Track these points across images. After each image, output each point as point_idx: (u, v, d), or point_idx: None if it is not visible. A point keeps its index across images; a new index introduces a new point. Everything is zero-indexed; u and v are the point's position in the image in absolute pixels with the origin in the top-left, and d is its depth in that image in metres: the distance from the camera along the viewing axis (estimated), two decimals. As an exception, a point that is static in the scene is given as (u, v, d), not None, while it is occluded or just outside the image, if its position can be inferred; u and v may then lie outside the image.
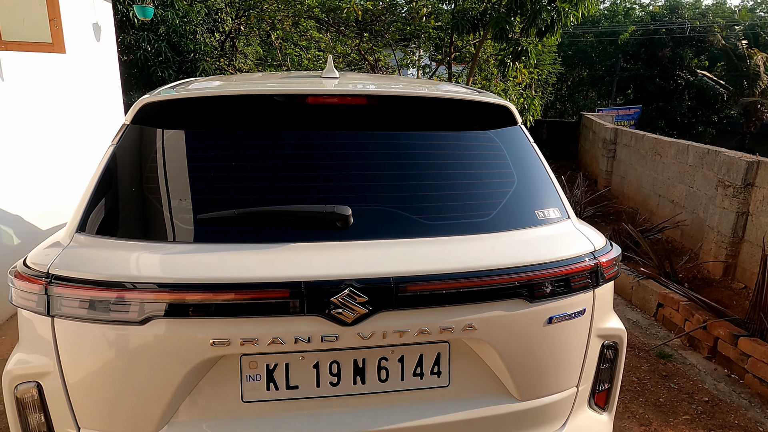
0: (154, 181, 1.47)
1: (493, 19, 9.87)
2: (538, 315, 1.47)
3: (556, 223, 1.63)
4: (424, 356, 1.47)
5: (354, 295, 1.31)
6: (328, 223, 1.41)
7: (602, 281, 1.58)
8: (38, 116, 4.33)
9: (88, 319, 1.30)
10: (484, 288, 1.41)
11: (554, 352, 1.54)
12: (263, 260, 1.35)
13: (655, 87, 22.76)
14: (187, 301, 1.28)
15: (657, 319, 4.25)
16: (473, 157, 1.67)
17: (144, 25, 9.95)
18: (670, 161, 6.72)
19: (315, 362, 1.42)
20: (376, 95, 1.63)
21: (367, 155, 1.58)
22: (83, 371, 1.35)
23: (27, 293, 1.33)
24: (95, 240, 1.40)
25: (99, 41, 5.64)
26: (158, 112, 1.56)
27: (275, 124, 1.59)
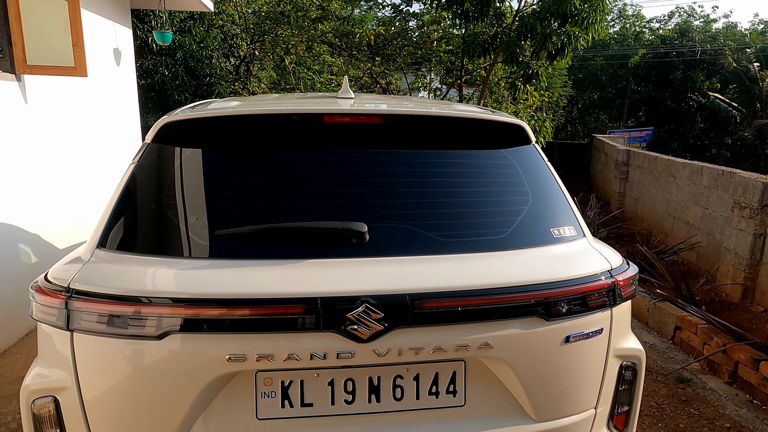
0: (173, 198, 1.50)
1: (503, 42, 9.99)
2: (555, 334, 1.46)
3: (572, 241, 1.62)
4: (439, 375, 1.46)
5: (370, 311, 1.31)
6: (344, 239, 1.42)
7: (619, 300, 1.57)
8: (60, 137, 4.44)
9: (106, 333, 1.31)
10: (500, 305, 1.40)
11: (572, 372, 1.52)
12: (280, 276, 1.36)
13: (667, 109, 22.75)
14: (204, 316, 1.29)
15: (674, 343, 4.17)
16: (488, 176, 1.68)
17: (162, 51, 10.22)
18: (684, 183, 6.67)
19: (330, 379, 1.41)
20: (391, 114, 1.66)
21: (383, 173, 1.60)
22: (100, 386, 1.36)
23: (47, 307, 1.35)
24: (115, 255, 1.42)
25: (119, 65, 5.81)
26: (178, 131, 1.60)
27: (292, 143, 1.62)
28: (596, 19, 9.43)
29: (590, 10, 9.35)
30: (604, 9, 9.51)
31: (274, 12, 11.73)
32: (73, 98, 4.69)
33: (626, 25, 33.69)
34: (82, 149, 4.83)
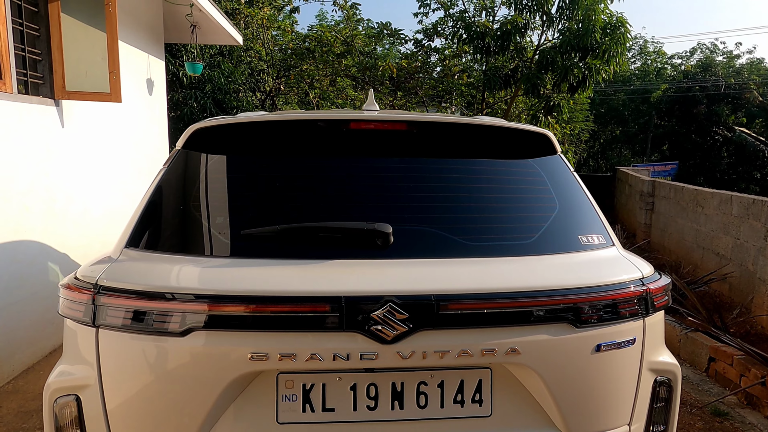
0: (200, 199, 1.52)
1: (524, 75, 10.11)
2: (585, 341, 1.41)
3: (601, 249, 1.59)
4: (464, 382, 1.42)
5: (394, 311, 1.29)
6: (369, 240, 1.42)
7: (652, 310, 1.51)
8: (92, 160, 4.59)
9: (131, 329, 1.32)
10: (528, 309, 1.37)
11: (603, 383, 1.46)
12: (304, 275, 1.35)
13: (692, 143, 22.50)
14: (227, 313, 1.29)
15: (709, 375, 3.98)
16: (513, 182, 1.67)
17: (192, 84, 10.60)
18: (712, 212, 6.52)
19: (352, 384, 1.38)
20: (416, 122, 1.68)
21: (408, 178, 1.60)
22: (122, 384, 1.35)
23: (75, 303, 1.37)
24: (143, 254, 1.44)
25: (151, 95, 6.03)
26: (207, 137, 1.64)
27: (318, 149, 1.64)
28: (617, 52, 9.50)
29: (611, 43, 9.43)
30: (624, 42, 9.59)
31: (300, 48, 12.13)
32: (107, 123, 4.87)
33: (647, 61, 33.85)
34: (113, 172, 4.97)
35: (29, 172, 3.74)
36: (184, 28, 6.83)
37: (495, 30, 10.28)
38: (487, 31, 10.29)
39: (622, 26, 9.58)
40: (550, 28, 10.63)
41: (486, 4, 11.35)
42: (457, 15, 10.83)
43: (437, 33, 11.01)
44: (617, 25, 9.57)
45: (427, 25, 11.39)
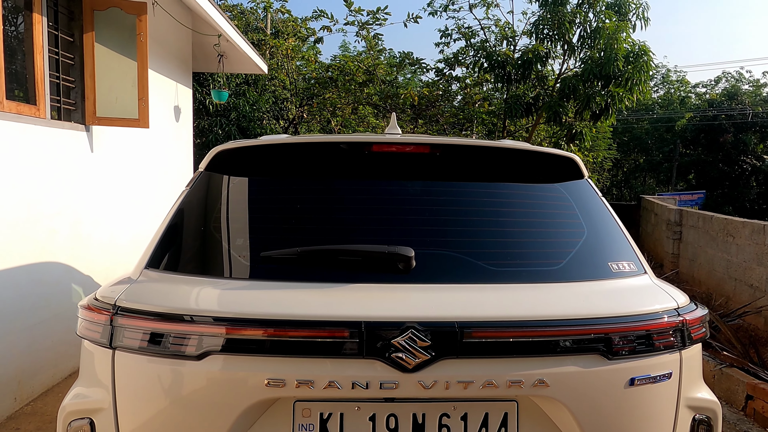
0: (222, 221, 1.52)
1: (546, 103, 10.10)
2: (618, 374, 1.33)
3: (633, 276, 1.52)
4: (489, 415, 1.35)
5: (416, 338, 1.24)
6: (390, 264, 1.38)
7: (689, 342, 1.43)
8: (119, 184, 4.68)
9: (147, 351, 1.29)
10: (556, 339, 1.30)
11: (638, 420, 1.37)
12: (323, 299, 1.32)
13: (719, 172, 22.05)
14: (244, 336, 1.26)
15: (747, 414, 3.77)
16: (539, 207, 1.62)
17: (218, 111, 10.86)
18: (744, 242, 6.30)
19: (371, 414, 1.33)
20: (440, 144, 1.65)
21: (430, 201, 1.57)
22: (136, 408, 1.32)
23: (93, 324, 1.36)
24: (163, 275, 1.43)
25: (178, 122, 6.18)
26: (230, 159, 1.64)
27: (340, 171, 1.63)
28: (640, 80, 9.43)
29: (634, 71, 9.38)
30: (648, 70, 9.53)
31: (323, 77, 12.37)
32: (134, 148, 4.98)
33: (670, 89, 33.61)
34: (139, 197, 5.06)
35: (58, 195, 3.82)
36: (211, 57, 7.04)
37: (516, 59, 10.34)
38: (508, 60, 10.36)
39: (645, 54, 9.55)
40: (572, 57, 10.66)
41: (507, 33, 11.47)
42: (478, 44, 10.94)
43: (458, 62, 11.12)
44: (640, 53, 9.55)
45: (448, 54, 11.55)
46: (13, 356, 3.38)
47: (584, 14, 10.09)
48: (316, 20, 11.87)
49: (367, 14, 10.76)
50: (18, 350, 3.43)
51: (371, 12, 10.68)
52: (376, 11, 10.60)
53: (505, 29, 11.47)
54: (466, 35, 11.21)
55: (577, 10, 10.01)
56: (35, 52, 3.62)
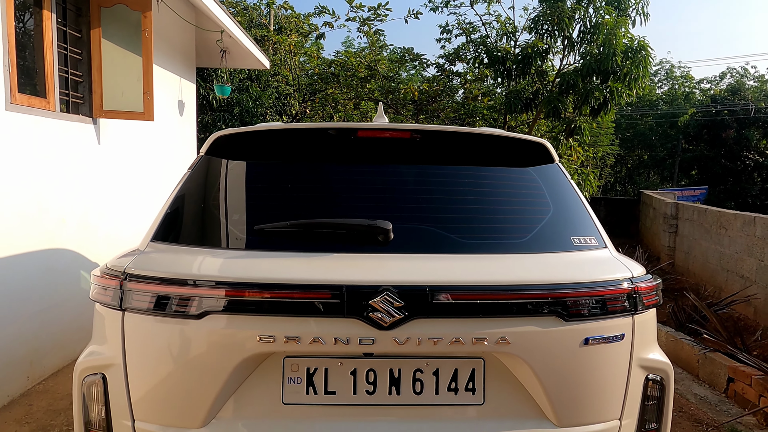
0: (220, 198, 1.68)
1: (545, 98, 10.19)
2: (573, 334, 1.48)
3: (593, 250, 1.67)
4: (458, 371, 1.50)
5: (391, 299, 1.40)
6: (370, 236, 1.54)
7: (641, 308, 1.58)
8: (125, 175, 4.86)
9: (154, 312, 1.45)
10: (517, 301, 1.45)
11: (593, 376, 1.52)
12: (310, 265, 1.47)
13: (722, 168, 22.06)
14: (239, 298, 1.42)
15: (728, 396, 3.91)
16: (509, 186, 1.77)
17: (221, 107, 11.03)
18: (736, 234, 6.42)
19: (352, 369, 1.48)
20: (420, 130, 1.80)
21: (409, 181, 1.73)
22: (143, 363, 1.48)
23: (104, 289, 1.52)
24: (168, 246, 1.59)
25: (182, 116, 6.34)
26: (228, 143, 1.80)
27: (328, 154, 1.79)
28: (639, 75, 9.52)
29: (632, 66, 9.47)
30: (646, 65, 9.61)
31: (325, 73, 12.51)
32: (139, 141, 5.15)
33: (675, 85, 33.49)
34: (143, 187, 5.23)
35: (67, 185, 3.99)
36: (214, 53, 7.19)
37: (516, 54, 10.44)
38: (508, 56, 10.46)
39: (644, 50, 9.63)
40: (572, 53, 10.75)
41: (508, 29, 11.57)
42: (478, 40, 11.04)
43: (459, 58, 11.23)
44: (638, 48, 9.62)
45: (450, 50, 11.66)
46: (24, 338, 3.56)
47: (584, 9, 10.17)
48: (318, 16, 12.00)
49: (368, 10, 10.89)
50: (29, 333, 3.60)
51: (372, 8, 10.81)
52: (377, 7, 10.73)
53: (506, 25, 11.57)
54: (466, 31, 11.31)
55: (577, 6, 10.09)
56: (45, 48, 3.79)
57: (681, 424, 3.48)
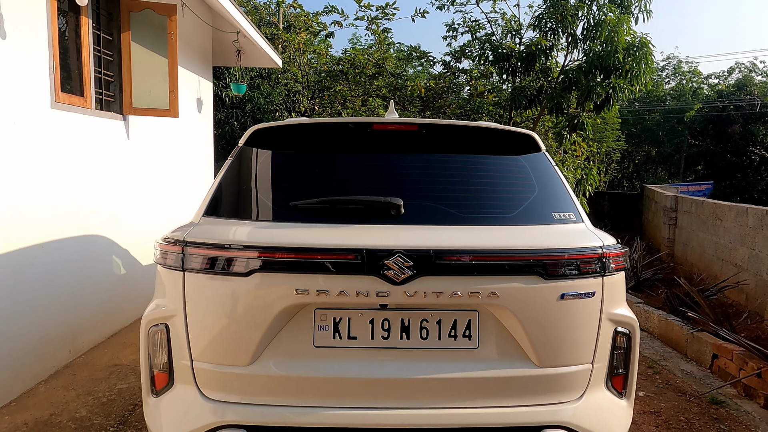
0: (259, 181, 2.01)
1: (548, 94, 10.45)
2: (551, 290, 1.80)
3: (571, 223, 1.99)
4: (457, 321, 1.83)
5: (402, 260, 1.72)
6: (384, 211, 1.87)
7: (609, 270, 1.89)
8: (152, 167, 5.22)
9: (209, 272, 1.79)
10: (504, 262, 1.77)
11: (568, 326, 1.84)
12: (336, 233, 1.81)
13: (727, 163, 22.17)
14: (279, 259, 1.75)
15: (713, 371, 4.21)
16: (501, 171, 2.09)
17: (234, 104, 11.39)
18: (730, 225, 6.69)
19: (371, 318, 1.81)
20: (426, 124, 2.13)
21: (418, 166, 2.06)
22: (201, 314, 1.82)
23: (169, 254, 1.86)
24: (217, 220, 1.93)
25: (200, 112, 6.70)
26: (263, 135, 2.13)
27: (349, 144, 2.12)
28: (640, 72, 9.75)
29: (633, 62, 9.71)
30: (648, 61, 9.84)
31: (333, 70, 12.83)
32: (164, 136, 5.51)
33: (683, 81, 33.43)
34: (167, 178, 5.59)
35: (99, 176, 4.35)
36: (229, 52, 7.54)
37: (520, 52, 10.70)
38: (512, 53, 10.73)
39: (645, 46, 9.86)
40: (575, 50, 10.98)
41: (513, 26, 11.83)
42: (483, 38, 11.31)
43: (464, 55, 11.50)
44: (640, 45, 9.86)
45: (456, 47, 11.94)
46: (65, 315, 3.92)
47: (587, 7, 10.40)
48: (327, 15, 12.31)
49: (376, 9, 11.18)
50: (69, 311, 3.97)
51: (380, 7, 11.10)
52: (384, 6, 11.02)
53: (511, 22, 11.82)
54: (472, 28, 11.58)
55: (581, 4, 10.33)
56: (83, 50, 4.14)
57: (666, 394, 3.79)
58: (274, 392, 1.79)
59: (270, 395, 1.79)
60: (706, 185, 21.34)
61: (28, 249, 3.48)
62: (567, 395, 1.86)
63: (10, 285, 3.32)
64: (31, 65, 3.48)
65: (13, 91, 3.32)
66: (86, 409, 3.24)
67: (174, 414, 1.85)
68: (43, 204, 3.63)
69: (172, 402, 1.86)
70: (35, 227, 3.56)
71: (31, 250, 3.52)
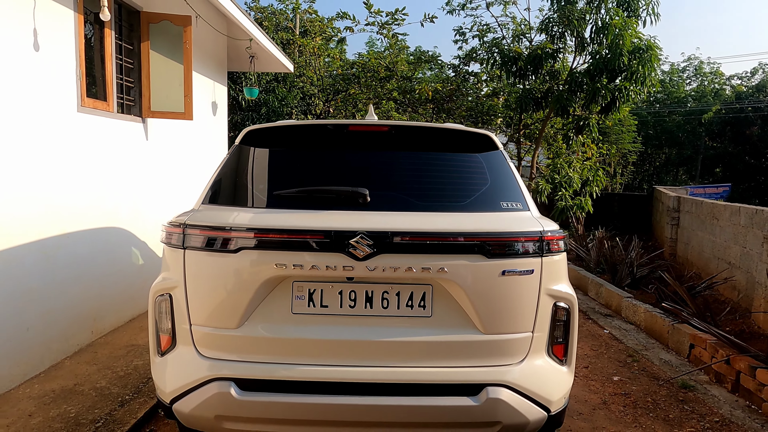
0: (249, 174, 2.36)
1: (554, 96, 10.65)
2: (493, 268, 2.10)
3: (517, 211, 2.29)
4: (414, 293, 2.14)
5: (364, 240, 2.04)
6: (353, 199, 2.20)
7: (548, 252, 2.18)
8: (168, 166, 5.63)
9: (205, 249, 2.13)
10: (452, 243, 2.08)
11: (509, 298, 2.13)
12: (311, 218, 2.14)
13: (745, 165, 21.93)
14: (263, 238, 2.08)
15: (690, 360, 4.42)
16: (458, 165, 2.40)
17: (249, 107, 11.85)
18: (725, 224, 6.84)
19: (339, 290, 2.14)
20: (394, 125, 2.45)
21: (384, 161, 2.38)
22: (198, 285, 2.17)
23: (172, 235, 2.21)
24: (213, 207, 2.28)
25: (215, 116, 7.12)
26: (256, 135, 2.48)
27: (327, 143, 2.45)
28: (644, 74, 9.89)
29: (638, 65, 9.85)
30: (653, 64, 9.98)
31: (347, 74, 13.22)
32: (181, 135, 5.93)
33: (704, 82, 32.97)
34: (183, 176, 6.01)
35: (120, 174, 4.77)
36: (243, 58, 7.97)
37: (527, 55, 10.92)
38: (519, 56, 10.96)
39: (651, 49, 10.00)
40: (583, 52, 11.15)
41: (523, 30, 12.06)
42: (491, 41, 11.55)
43: (473, 58, 11.76)
44: (646, 48, 10.00)
45: (466, 50, 12.22)
46: (89, 299, 4.34)
47: (596, 11, 10.57)
48: (340, 20, 12.71)
49: (386, 15, 11.53)
50: (92, 295, 4.38)
51: (390, 13, 11.44)
52: (394, 12, 11.36)
53: (521, 26, 12.05)
54: (481, 32, 11.84)
55: (587, 9, 10.51)
56: (106, 59, 4.56)
57: (640, 379, 4.03)
58: (258, 351, 2.13)
59: (255, 353, 2.13)
60: (724, 187, 21.15)
61: (57, 237, 3.90)
62: (509, 359, 2.15)
63: (43, 267, 3.73)
64: (60, 73, 3.90)
65: (45, 96, 3.74)
66: (106, 380, 3.64)
67: (176, 369, 2.20)
68: (70, 198, 4.05)
69: (174, 360, 2.21)
70: (64, 219, 3.97)
71: (61, 239, 3.94)
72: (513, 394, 2.10)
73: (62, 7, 3.89)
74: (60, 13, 3.87)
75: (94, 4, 4.30)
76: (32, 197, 3.64)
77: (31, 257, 3.63)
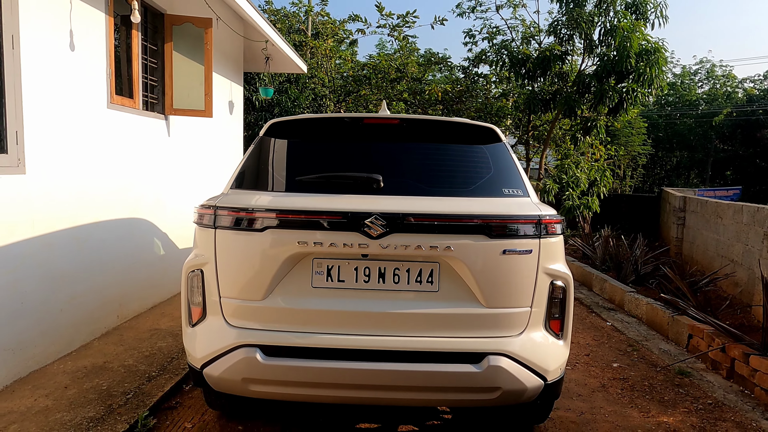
0: (274, 162, 2.59)
1: (561, 98, 10.81)
2: (495, 247, 2.31)
3: (518, 197, 2.50)
4: (422, 270, 2.35)
5: (378, 221, 2.26)
6: (368, 185, 2.42)
7: (545, 234, 2.38)
8: (189, 162, 5.90)
9: (234, 228, 2.36)
10: (457, 224, 2.29)
11: (510, 275, 2.34)
12: (330, 201, 2.37)
13: (756, 168, 21.88)
14: (287, 219, 2.31)
15: (688, 350, 4.59)
16: (465, 156, 2.62)
17: (262, 107, 12.13)
18: (728, 222, 6.98)
19: (355, 266, 2.36)
20: (405, 119, 2.67)
21: (397, 151, 2.60)
22: (227, 261, 2.40)
23: (203, 216, 2.44)
24: (242, 191, 2.52)
25: (232, 114, 7.39)
26: (279, 127, 2.72)
27: (344, 134, 2.68)
28: (651, 77, 10.02)
29: (646, 66, 9.99)
30: (660, 66, 10.10)
31: (358, 75, 13.47)
32: (201, 132, 6.20)
33: (716, 85, 32.82)
34: (202, 171, 6.28)
35: (145, 168, 5.03)
36: (259, 59, 8.23)
37: (536, 57, 11.10)
38: (528, 58, 11.14)
39: (658, 52, 10.13)
40: (591, 54, 11.31)
41: (532, 32, 12.25)
42: (500, 44, 11.74)
43: (482, 60, 11.96)
44: (653, 50, 10.13)
45: (476, 52, 12.43)
46: (115, 286, 4.59)
47: (604, 14, 10.72)
48: (352, 22, 12.98)
49: (398, 18, 11.77)
50: (118, 282, 4.64)
51: (401, 16, 11.68)
52: (405, 15, 11.60)
53: (530, 28, 12.24)
54: (491, 34, 12.05)
55: (596, 12, 10.66)
56: (133, 59, 4.83)
57: (638, 366, 4.21)
58: (281, 321, 2.35)
59: (278, 323, 2.35)
60: (734, 190, 21.09)
61: (88, 225, 4.16)
62: (509, 331, 2.36)
63: (75, 252, 4.00)
64: (93, 72, 4.17)
65: (79, 93, 4.01)
66: (133, 359, 3.89)
67: (207, 338, 2.43)
68: (99, 189, 4.31)
69: (205, 329, 2.45)
70: (93, 208, 4.24)
71: (91, 227, 4.20)
72: (512, 363, 2.30)
73: (95, 10, 4.16)
74: (92, 15, 4.14)
75: (123, 8, 4.58)
76: (67, 186, 3.90)
77: (64, 242, 3.90)
